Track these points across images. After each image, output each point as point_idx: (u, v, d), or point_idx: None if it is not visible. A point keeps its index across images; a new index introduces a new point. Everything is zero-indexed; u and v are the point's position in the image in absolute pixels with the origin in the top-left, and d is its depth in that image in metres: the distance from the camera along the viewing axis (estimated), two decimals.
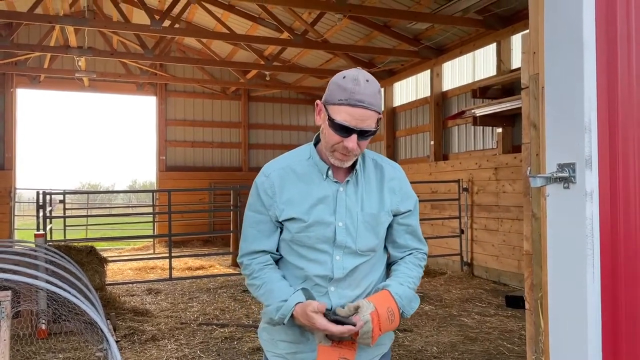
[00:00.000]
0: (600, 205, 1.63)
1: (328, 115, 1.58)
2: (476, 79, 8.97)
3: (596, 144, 1.62)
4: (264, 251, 1.72)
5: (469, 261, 8.62)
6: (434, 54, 9.73)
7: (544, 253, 1.84)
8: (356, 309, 1.57)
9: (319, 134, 1.72)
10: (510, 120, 7.95)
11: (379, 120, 1.61)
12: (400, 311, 1.64)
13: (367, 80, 1.57)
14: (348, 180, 1.69)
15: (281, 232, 1.73)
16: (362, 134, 1.57)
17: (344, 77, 1.58)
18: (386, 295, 1.63)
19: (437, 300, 6.77)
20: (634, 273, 1.67)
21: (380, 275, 1.77)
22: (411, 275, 1.73)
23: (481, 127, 8.71)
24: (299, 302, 1.60)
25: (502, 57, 8.29)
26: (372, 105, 1.56)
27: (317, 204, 1.66)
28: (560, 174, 1.68)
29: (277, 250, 1.74)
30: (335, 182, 1.68)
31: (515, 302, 6.23)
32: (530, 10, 1.95)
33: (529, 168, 1.92)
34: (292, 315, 1.60)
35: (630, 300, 1.68)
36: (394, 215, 1.74)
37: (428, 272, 8.86)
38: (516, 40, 7.97)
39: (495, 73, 8.42)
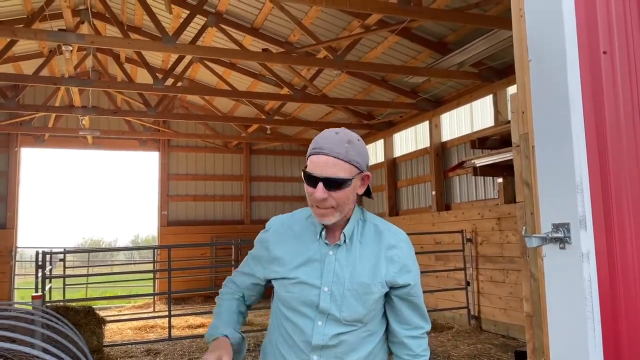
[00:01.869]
0: (597, 265, 1.59)
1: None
2: (474, 130, 9.05)
3: (589, 203, 1.61)
4: (235, 284, 1.80)
5: (477, 314, 8.42)
6: (431, 106, 9.87)
7: (544, 315, 1.79)
8: None
9: None
10: (510, 170, 7.95)
11: (359, 173, 1.57)
12: None
13: (337, 133, 1.57)
14: (338, 244, 1.61)
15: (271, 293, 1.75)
16: (329, 183, 1.52)
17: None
18: None
19: (445, 357, 6.57)
20: (637, 335, 1.61)
21: (372, 351, 1.65)
22: None
23: (482, 177, 8.72)
24: (221, 337, 1.61)
25: (499, 108, 8.40)
26: (333, 152, 1.52)
27: (304, 265, 1.61)
28: (555, 234, 1.65)
29: (247, 299, 1.81)
30: (326, 244, 1.62)
31: (525, 357, 6.03)
32: (516, 70, 1.98)
33: (524, 227, 1.89)
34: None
35: None
36: (392, 288, 1.63)
37: (435, 327, 8.64)
38: (512, 91, 8.10)
39: (493, 123, 8.51)
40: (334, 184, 1.52)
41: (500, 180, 8.09)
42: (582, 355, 1.58)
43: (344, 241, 1.61)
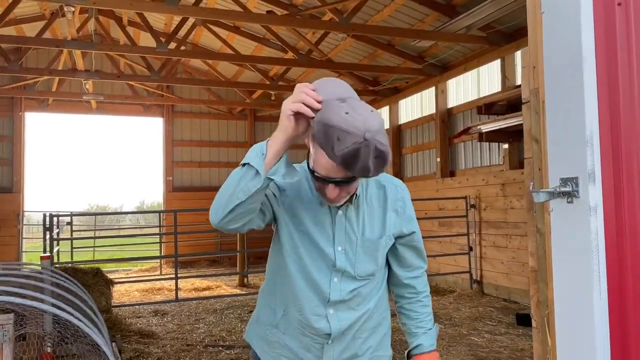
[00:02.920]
0: (605, 219, 1.60)
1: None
2: (481, 95, 8.97)
3: (599, 157, 1.60)
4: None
5: (479, 279, 8.51)
6: (438, 71, 9.76)
7: (549, 269, 1.80)
8: None
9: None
10: (516, 135, 7.91)
11: None
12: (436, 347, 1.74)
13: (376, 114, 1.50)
14: (348, 205, 1.61)
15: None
16: (341, 182, 1.45)
17: None
18: (428, 358, 1.72)
19: (447, 319, 6.67)
20: None
21: (380, 297, 1.72)
22: (427, 311, 1.77)
23: (487, 143, 8.68)
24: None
25: (507, 73, 8.29)
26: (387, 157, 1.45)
27: (317, 225, 1.61)
28: (563, 189, 1.65)
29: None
30: (334, 205, 1.60)
31: (526, 320, 6.12)
32: (529, 25, 1.95)
33: (531, 183, 1.89)
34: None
35: (639, 316, 1.63)
36: (398, 237, 1.69)
37: (437, 291, 8.75)
38: (520, 56, 7.98)
39: (500, 89, 8.42)
40: (347, 181, 1.46)
41: (505, 146, 8.06)
42: (587, 308, 1.60)
43: (354, 200, 1.61)
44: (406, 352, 1.76)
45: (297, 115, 1.40)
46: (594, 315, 1.58)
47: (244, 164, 1.43)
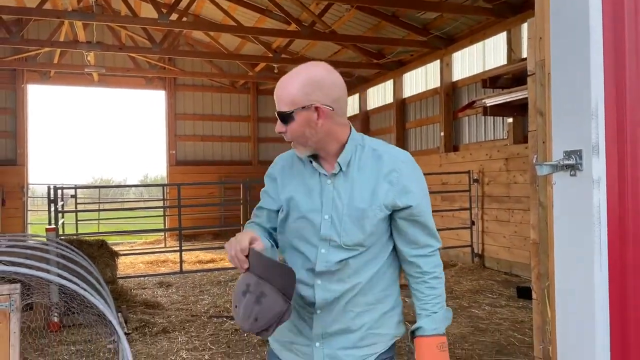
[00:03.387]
0: (608, 192, 1.60)
1: None
2: (486, 69, 8.87)
3: (603, 130, 1.59)
4: (255, 222, 1.78)
5: (480, 253, 8.57)
6: (443, 44, 9.63)
7: (550, 242, 1.81)
8: None
9: None
10: (521, 110, 7.85)
11: (303, 108, 1.57)
12: (444, 332, 1.65)
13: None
14: (336, 172, 1.63)
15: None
16: (280, 118, 1.61)
17: None
18: (427, 342, 1.63)
19: (448, 292, 6.72)
20: None
21: (376, 274, 1.67)
22: (435, 294, 1.67)
23: (492, 118, 8.63)
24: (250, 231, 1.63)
25: (513, 46, 8.19)
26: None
27: (307, 196, 1.65)
28: (566, 162, 1.64)
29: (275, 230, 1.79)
30: (324, 174, 1.65)
31: (527, 293, 6.18)
32: None
33: (535, 156, 1.89)
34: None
35: (639, 288, 1.65)
36: (395, 210, 1.63)
37: None
38: (527, 28, 7.86)
39: (505, 62, 8.32)
40: (282, 118, 1.60)
41: (510, 120, 8.02)
42: (587, 280, 1.62)
43: (340, 170, 1.63)
44: (409, 331, 1.72)
45: None
46: (594, 287, 1.59)
47: None
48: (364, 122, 13.26)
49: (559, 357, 1.71)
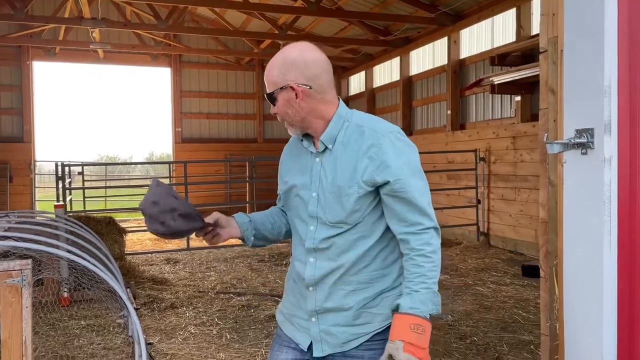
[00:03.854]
0: (619, 171, 1.59)
1: None
2: (495, 46, 8.76)
3: (616, 108, 1.58)
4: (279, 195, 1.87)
5: (486, 231, 8.58)
6: (451, 21, 9.50)
7: (560, 220, 1.82)
8: (390, 357, 1.50)
9: None
10: (529, 87, 7.78)
11: (282, 88, 1.63)
12: (424, 315, 1.54)
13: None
14: (321, 150, 1.67)
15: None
16: (267, 99, 1.68)
17: None
18: (401, 319, 1.53)
19: (452, 270, 6.79)
20: None
21: (367, 253, 1.64)
22: (419, 272, 1.57)
23: (499, 96, 8.55)
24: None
25: (522, 23, 8.07)
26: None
27: (301, 175, 1.71)
28: (578, 140, 1.64)
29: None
30: (312, 151, 1.70)
31: (532, 271, 6.21)
32: None
33: (545, 134, 1.88)
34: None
35: None
36: (378, 187, 1.60)
37: (444, 243, 8.83)
38: (536, 5, 7.73)
39: (514, 39, 8.21)
40: (269, 99, 1.67)
41: (518, 98, 7.94)
42: (596, 258, 1.62)
43: (325, 147, 1.66)
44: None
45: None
46: (602, 265, 1.60)
47: None
48: (370, 100, 13.18)
49: (566, 334, 1.73)
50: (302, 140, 1.71)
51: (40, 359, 3.86)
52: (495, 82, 7.73)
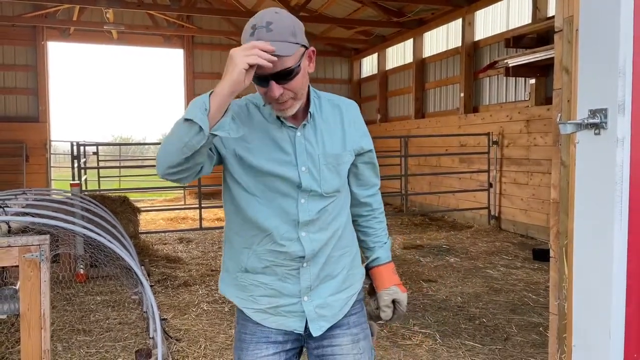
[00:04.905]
0: (632, 151, 1.59)
1: None
2: (510, 28, 8.65)
3: (630, 88, 1.57)
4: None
5: (497, 215, 8.57)
6: (466, 2, 9.38)
7: (571, 201, 1.82)
8: (393, 303, 1.79)
9: None
10: (544, 70, 7.69)
11: (304, 51, 1.50)
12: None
13: (270, 23, 1.43)
14: (305, 124, 1.60)
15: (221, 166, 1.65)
16: (279, 77, 1.45)
17: (249, 25, 1.47)
18: (386, 268, 1.80)
19: (463, 253, 6.81)
20: None
21: (348, 215, 1.75)
22: (382, 227, 1.84)
23: (513, 78, 8.47)
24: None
25: (538, 4, 7.94)
26: (278, 48, 1.41)
27: (277, 150, 1.58)
28: (591, 120, 1.64)
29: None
30: (290, 126, 1.59)
31: (543, 255, 6.21)
32: None
33: (559, 115, 1.87)
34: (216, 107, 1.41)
35: None
36: (358, 155, 1.70)
37: (454, 226, 8.86)
38: None
39: (530, 21, 8.09)
40: (284, 76, 1.46)
41: (532, 81, 7.86)
42: (607, 238, 1.63)
43: (309, 119, 1.61)
44: (364, 265, 1.81)
45: (250, 69, 1.40)
46: (612, 246, 1.61)
47: (186, 119, 1.37)
48: (382, 82, 13.10)
49: (574, 313, 1.74)
50: (272, 114, 1.57)
51: (57, 332, 3.97)
52: (510, 65, 7.65)
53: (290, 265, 1.61)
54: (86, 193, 6.85)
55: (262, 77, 1.46)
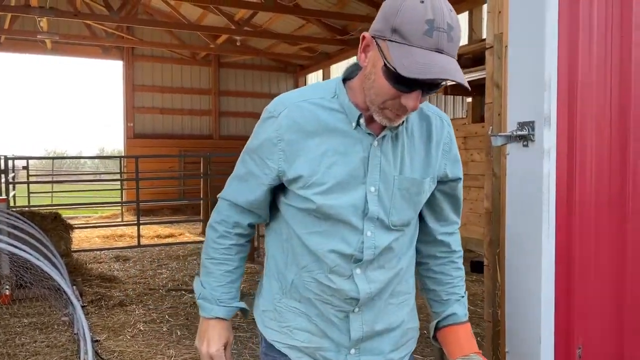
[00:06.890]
0: (557, 162, 1.67)
1: (385, 58, 1.12)
2: None
3: (555, 102, 1.65)
4: (243, 209, 1.37)
5: None
6: None
7: (502, 210, 1.88)
8: None
9: (351, 66, 1.29)
10: (480, 89, 7.99)
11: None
12: None
13: (452, 28, 1.10)
14: (385, 135, 1.24)
15: (281, 195, 1.35)
16: (433, 87, 1.15)
17: (421, 15, 1.08)
18: (465, 329, 1.41)
19: None
20: (587, 228, 1.73)
21: (412, 255, 1.40)
22: (461, 275, 1.47)
23: (452, 97, 8.77)
24: (213, 320, 1.38)
25: (474, 26, 8.30)
26: (452, 50, 1.12)
27: (342, 162, 1.23)
28: (520, 132, 1.70)
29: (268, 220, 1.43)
30: (368, 133, 1.23)
31: (480, 267, 6.40)
32: None
33: (490, 128, 1.94)
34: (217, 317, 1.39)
35: (583, 254, 1.74)
36: (440, 182, 1.36)
37: None
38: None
39: (466, 42, 8.44)
40: (436, 87, 1.16)
41: (469, 99, 8.16)
42: (536, 246, 1.69)
43: (385, 132, 1.25)
44: (434, 322, 1.45)
45: None
46: (542, 252, 1.67)
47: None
48: None
49: (507, 319, 1.79)
50: (360, 117, 1.24)
51: None
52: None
53: (339, 307, 1.30)
54: (14, 209, 6.47)
55: (409, 82, 1.10)
